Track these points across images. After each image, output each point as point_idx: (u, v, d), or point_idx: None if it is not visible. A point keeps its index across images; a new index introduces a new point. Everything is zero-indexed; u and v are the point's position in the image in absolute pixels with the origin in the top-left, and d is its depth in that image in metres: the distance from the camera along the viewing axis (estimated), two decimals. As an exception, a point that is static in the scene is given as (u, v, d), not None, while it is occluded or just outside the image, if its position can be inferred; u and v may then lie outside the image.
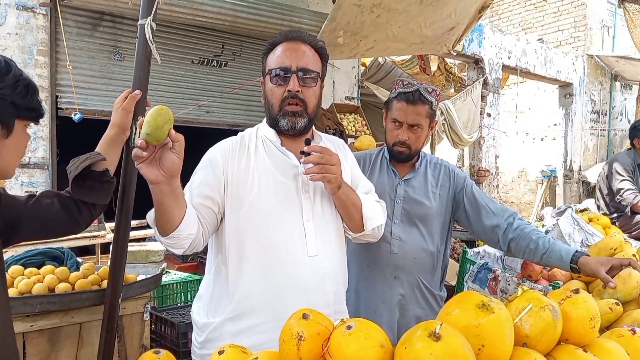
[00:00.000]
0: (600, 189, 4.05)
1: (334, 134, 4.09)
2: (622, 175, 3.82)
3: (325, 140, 1.61)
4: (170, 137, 1.19)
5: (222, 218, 1.46)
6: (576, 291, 1.04)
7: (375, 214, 1.55)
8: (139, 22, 1.65)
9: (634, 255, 1.90)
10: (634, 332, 1.09)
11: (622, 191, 3.76)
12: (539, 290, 1.03)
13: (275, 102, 1.47)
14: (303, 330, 0.89)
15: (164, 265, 2.69)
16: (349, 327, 0.85)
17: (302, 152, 1.39)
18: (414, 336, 0.79)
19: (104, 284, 2.05)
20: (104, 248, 3.64)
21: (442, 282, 2.15)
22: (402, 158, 2.01)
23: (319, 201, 1.49)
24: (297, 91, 1.44)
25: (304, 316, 0.92)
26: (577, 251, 1.77)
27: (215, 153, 1.50)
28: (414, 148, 1.98)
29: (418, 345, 0.77)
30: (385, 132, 2.03)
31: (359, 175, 1.67)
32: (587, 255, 1.75)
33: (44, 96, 4.09)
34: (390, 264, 1.99)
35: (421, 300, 2.05)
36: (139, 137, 1.17)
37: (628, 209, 3.72)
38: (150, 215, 1.35)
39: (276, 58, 1.47)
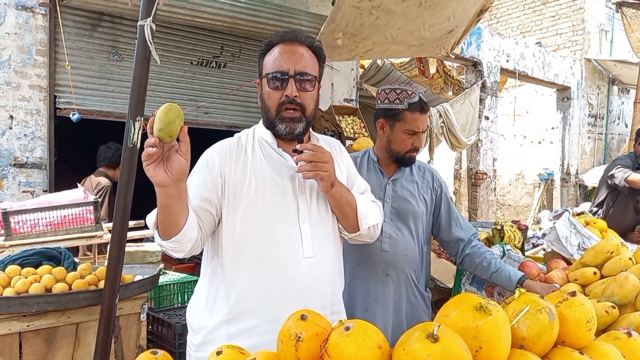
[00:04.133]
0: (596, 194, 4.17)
1: (332, 136, 4.09)
2: (618, 167, 3.97)
3: (321, 141, 1.60)
4: (181, 135, 1.17)
5: (219, 220, 1.45)
6: (573, 294, 1.04)
7: (370, 213, 1.54)
8: (138, 23, 1.65)
9: (630, 259, 1.91)
10: (630, 335, 1.09)
11: (613, 176, 3.92)
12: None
13: (273, 106, 1.46)
14: (301, 331, 0.89)
15: (161, 266, 2.69)
16: (347, 329, 0.85)
17: (295, 151, 1.40)
18: (411, 337, 0.80)
19: (101, 284, 2.05)
20: (101, 249, 3.63)
21: (427, 283, 2.24)
22: (412, 161, 2.14)
23: (315, 203, 1.48)
24: (295, 96, 1.42)
25: (303, 317, 0.92)
26: (523, 275, 2.04)
27: (212, 154, 1.49)
28: (420, 150, 2.15)
29: (416, 346, 0.77)
30: (392, 141, 2.10)
31: (354, 175, 1.67)
32: (530, 279, 2.03)
33: (42, 96, 4.09)
34: (382, 261, 2.07)
35: (412, 298, 2.13)
36: (138, 137, 1.16)
37: (623, 184, 3.84)
38: (151, 218, 1.33)
39: (273, 61, 1.45)
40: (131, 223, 2.89)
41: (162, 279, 3.04)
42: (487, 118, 7.84)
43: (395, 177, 2.14)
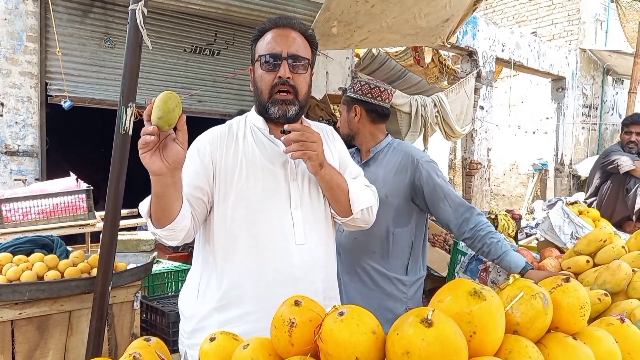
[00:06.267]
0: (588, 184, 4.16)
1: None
2: (615, 153, 3.95)
3: (312, 126, 1.59)
4: (179, 123, 1.16)
5: (210, 208, 1.44)
6: (567, 280, 1.04)
7: (362, 196, 1.53)
8: (130, 7, 1.63)
9: (623, 247, 1.92)
10: (623, 321, 1.09)
11: (616, 161, 3.85)
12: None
13: (265, 89, 1.45)
14: (295, 316, 0.89)
15: (155, 254, 2.68)
16: (341, 314, 0.84)
17: (283, 132, 1.38)
18: (405, 322, 0.79)
19: (94, 272, 2.04)
20: (95, 238, 3.61)
21: (412, 266, 2.17)
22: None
23: (307, 189, 1.48)
24: (288, 77, 1.42)
25: (296, 303, 0.92)
26: (526, 263, 1.99)
27: (203, 142, 1.48)
28: (340, 130, 2.20)
29: (410, 331, 0.77)
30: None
31: (347, 160, 1.66)
32: (533, 268, 1.98)
33: (33, 83, 4.04)
34: (335, 241, 2.06)
35: (367, 280, 2.12)
36: (130, 124, 1.14)
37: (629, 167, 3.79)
38: (144, 206, 1.32)
39: (266, 44, 1.44)
40: (124, 211, 2.87)
41: (156, 268, 3.04)
42: (482, 108, 7.85)
43: (365, 161, 2.19)
